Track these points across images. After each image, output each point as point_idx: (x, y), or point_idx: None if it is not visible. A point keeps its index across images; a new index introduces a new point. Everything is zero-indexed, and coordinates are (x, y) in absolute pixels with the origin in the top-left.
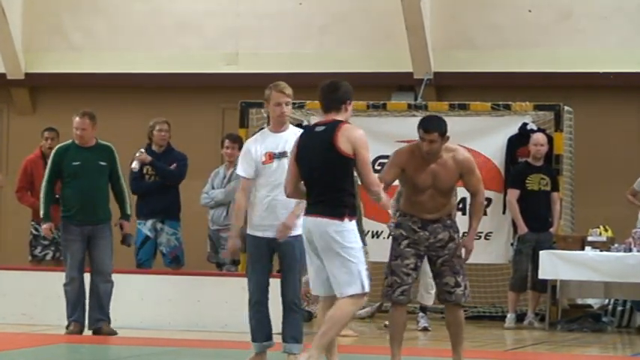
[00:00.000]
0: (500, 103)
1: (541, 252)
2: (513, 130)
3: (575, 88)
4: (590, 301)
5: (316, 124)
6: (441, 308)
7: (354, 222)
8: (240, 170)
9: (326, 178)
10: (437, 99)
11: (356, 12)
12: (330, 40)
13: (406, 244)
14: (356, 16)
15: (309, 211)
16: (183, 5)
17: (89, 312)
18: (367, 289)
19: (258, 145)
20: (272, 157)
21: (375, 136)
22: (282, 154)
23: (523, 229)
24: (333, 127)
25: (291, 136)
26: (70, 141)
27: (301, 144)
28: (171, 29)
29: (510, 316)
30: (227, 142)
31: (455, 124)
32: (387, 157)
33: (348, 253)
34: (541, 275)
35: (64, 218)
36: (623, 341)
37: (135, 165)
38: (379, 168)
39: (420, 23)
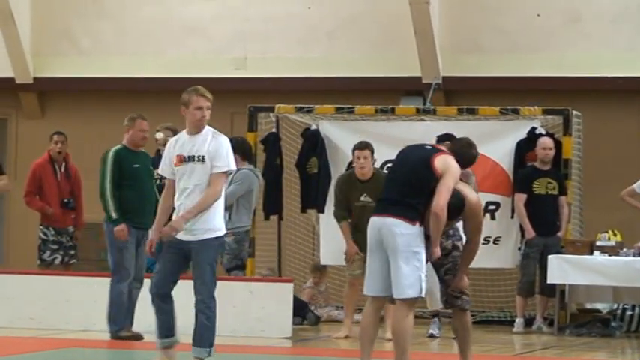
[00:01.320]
0: (509, 107)
1: (549, 256)
2: (522, 134)
3: (583, 92)
4: (598, 305)
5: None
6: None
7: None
8: (160, 169)
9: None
10: (445, 103)
11: (364, 16)
12: (338, 45)
13: None
14: (364, 21)
15: None
16: (191, 10)
17: None
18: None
19: (172, 147)
20: (182, 160)
21: (383, 141)
22: (191, 158)
23: (531, 233)
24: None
25: (205, 139)
26: (121, 145)
27: None
28: (179, 33)
29: (519, 321)
30: None
31: (463, 128)
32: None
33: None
34: (549, 280)
35: (125, 222)
36: (631, 346)
37: None
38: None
39: (429, 27)
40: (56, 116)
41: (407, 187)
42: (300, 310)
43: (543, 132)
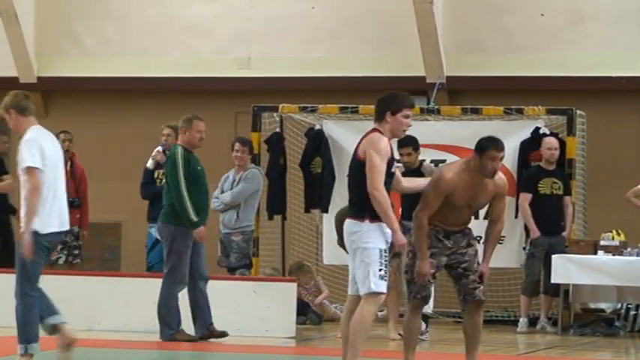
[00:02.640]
0: (513, 107)
1: (553, 256)
2: (526, 134)
3: (587, 92)
4: (602, 305)
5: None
6: (453, 312)
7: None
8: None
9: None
10: (449, 103)
11: (368, 16)
12: (341, 44)
13: (429, 253)
14: (368, 21)
15: None
16: (195, 10)
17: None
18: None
19: None
20: None
21: None
22: None
23: (535, 233)
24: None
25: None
26: (180, 146)
27: None
28: (183, 34)
29: (523, 321)
30: (237, 146)
31: (467, 128)
32: (398, 160)
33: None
34: (553, 279)
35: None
36: (635, 345)
37: (150, 164)
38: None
39: (433, 27)
40: (60, 116)
41: (349, 185)
42: (303, 309)
43: (547, 132)
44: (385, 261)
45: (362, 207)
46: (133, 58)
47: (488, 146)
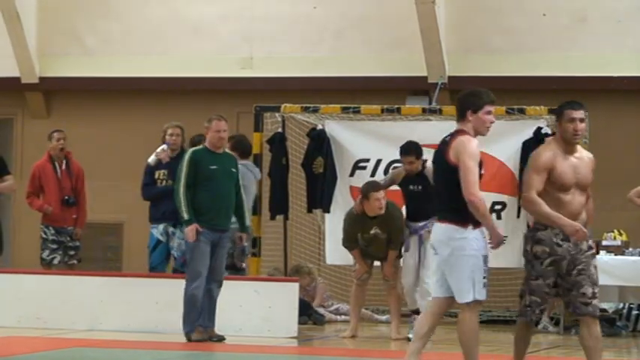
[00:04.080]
0: (515, 107)
1: None
2: (528, 134)
3: (589, 92)
4: (604, 305)
5: None
6: (455, 312)
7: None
8: None
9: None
10: (451, 103)
11: (370, 16)
12: (344, 44)
13: (549, 262)
14: (370, 20)
15: None
16: (197, 9)
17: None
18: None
19: None
20: None
21: (389, 141)
22: None
23: None
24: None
25: None
26: (202, 146)
27: None
28: (185, 33)
29: None
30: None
31: None
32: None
33: None
34: None
35: (197, 222)
36: (637, 345)
37: (151, 159)
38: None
39: (435, 27)
40: (62, 116)
41: (439, 190)
42: (305, 309)
43: (549, 132)
44: (487, 268)
45: (463, 213)
46: (135, 58)
47: (564, 107)
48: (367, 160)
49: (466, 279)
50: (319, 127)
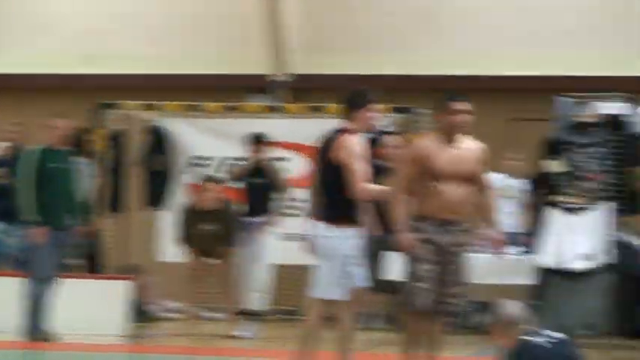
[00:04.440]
0: None
1: (387, 252)
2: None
3: (433, 90)
4: None
5: None
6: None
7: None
8: None
9: None
10: (293, 101)
11: (213, 13)
12: (187, 42)
13: (429, 248)
14: (213, 17)
15: None
16: (39, 6)
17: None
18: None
19: None
20: None
21: (230, 138)
22: None
23: (373, 230)
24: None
25: None
26: (42, 144)
27: None
28: (28, 30)
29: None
30: None
31: (311, 126)
32: (243, 159)
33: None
34: (387, 276)
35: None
36: (459, 342)
37: None
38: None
39: (279, 25)
40: None
41: (322, 189)
42: (138, 307)
43: (393, 129)
44: (349, 269)
45: (336, 211)
46: None
47: (448, 98)
48: (207, 158)
49: (326, 276)
50: (159, 124)
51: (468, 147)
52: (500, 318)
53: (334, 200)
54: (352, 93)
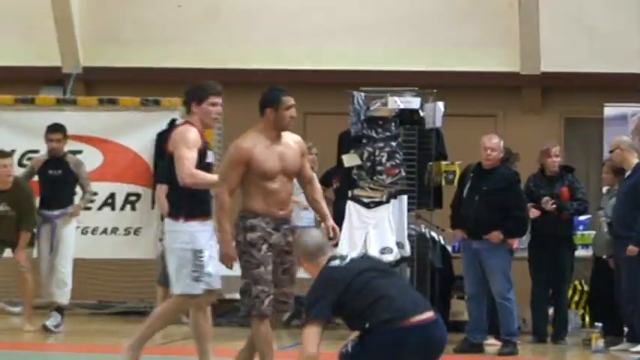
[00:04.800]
0: (150, 98)
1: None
2: (162, 125)
3: (222, 84)
4: (238, 295)
5: None
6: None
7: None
8: None
9: None
10: (86, 94)
11: (7, 4)
12: None
13: (266, 248)
14: (7, 9)
15: None
16: None
17: None
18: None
19: None
20: None
21: (24, 131)
22: None
23: None
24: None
25: None
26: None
27: None
28: None
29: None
30: None
31: (104, 119)
32: (37, 151)
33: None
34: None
35: None
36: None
37: None
38: (27, 163)
39: (69, 17)
40: None
41: (168, 185)
42: None
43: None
44: (200, 262)
45: (176, 205)
46: None
47: (279, 94)
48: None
49: (174, 272)
50: None
51: (290, 142)
52: (303, 247)
53: (178, 195)
54: (192, 87)
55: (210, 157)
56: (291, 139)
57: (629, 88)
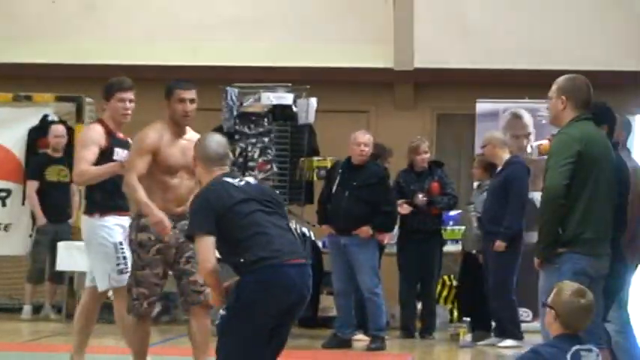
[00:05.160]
0: (22, 94)
1: (59, 243)
2: (34, 121)
3: (98, 79)
4: None
5: None
6: None
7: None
8: None
9: None
10: None
11: None
12: None
13: (155, 250)
14: None
15: None
16: None
17: None
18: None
19: None
20: None
21: None
22: None
23: (42, 220)
24: None
25: None
26: None
27: None
28: None
29: (27, 308)
30: None
31: None
32: None
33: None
34: (59, 266)
35: None
36: (172, 330)
37: None
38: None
39: None
40: None
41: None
42: None
43: (56, 119)
44: (123, 253)
45: (89, 202)
46: None
47: (173, 86)
48: None
49: (98, 268)
50: None
51: (192, 137)
52: (203, 150)
53: (92, 192)
54: (105, 84)
55: (120, 155)
56: (195, 135)
57: (501, 85)
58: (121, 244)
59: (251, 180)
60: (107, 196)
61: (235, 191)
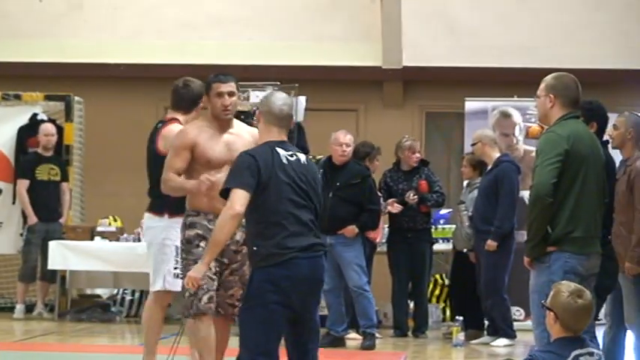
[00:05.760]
0: (11, 92)
1: (50, 242)
2: (24, 120)
3: (85, 78)
4: (99, 291)
5: None
6: None
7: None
8: None
9: None
10: None
11: None
12: None
13: (204, 245)
14: None
15: None
16: None
17: None
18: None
19: None
20: None
21: None
22: None
23: (33, 219)
24: None
25: None
26: None
27: None
28: None
29: (19, 307)
30: None
31: None
32: None
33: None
34: (50, 265)
35: None
36: (131, 330)
37: None
38: None
39: None
40: None
41: (150, 179)
42: None
43: (45, 118)
44: (180, 258)
45: (158, 201)
46: None
47: (211, 80)
48: None
49: (155, 267)
50: None
51: (243, 132)
52: (269, 106)
53: (158, 190)
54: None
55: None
56: (246, 130)
57: (490, 83)
58: (178, 247)
59: (302, 158)
60: (178, 198)
61: (280, 167)
